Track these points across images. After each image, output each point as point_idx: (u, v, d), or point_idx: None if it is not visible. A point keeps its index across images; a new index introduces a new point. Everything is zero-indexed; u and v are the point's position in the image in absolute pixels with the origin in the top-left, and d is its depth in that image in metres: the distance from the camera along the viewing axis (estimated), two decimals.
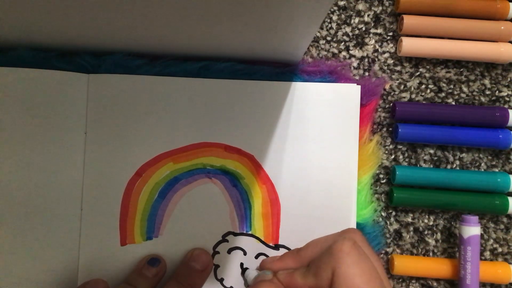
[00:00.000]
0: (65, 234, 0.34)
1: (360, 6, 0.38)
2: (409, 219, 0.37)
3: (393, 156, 0.37)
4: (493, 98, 0.37)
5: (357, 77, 0.37)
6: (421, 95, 0.38)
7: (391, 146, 0.37)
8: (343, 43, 0.38)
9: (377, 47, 0.38)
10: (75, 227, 0.34)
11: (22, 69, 0.34)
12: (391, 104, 0.37)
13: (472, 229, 0.34)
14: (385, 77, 0.37)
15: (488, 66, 0.38)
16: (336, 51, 0.38)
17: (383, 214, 0.37)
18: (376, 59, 0.38)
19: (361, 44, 0.38)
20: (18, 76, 0.34)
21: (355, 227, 0.35)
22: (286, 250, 0.35)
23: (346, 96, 0.35)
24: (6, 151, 0.33)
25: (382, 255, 0.37)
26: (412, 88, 0.38)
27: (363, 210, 0.36)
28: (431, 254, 0.37)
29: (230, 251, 0.35)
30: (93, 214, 0.34)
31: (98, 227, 0.34)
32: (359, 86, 0.35)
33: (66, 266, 0.33)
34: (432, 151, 0.37)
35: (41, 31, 0.30)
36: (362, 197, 0.36)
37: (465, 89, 0.38)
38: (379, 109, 0.37)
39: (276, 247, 0.35)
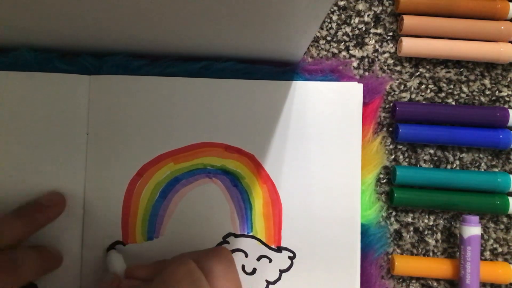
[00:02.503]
0: (68, 235, 0.34)
1: (360, 6, 0.38)
2: (409, 219, 0.37)
3: (393, 156, 0.37)
4: (493, 98, 0.38)
5: (357, 77, 0.37)
6: (421, 95, 0.38)
7: (391, 146, 0.37)
8: (343, 43, 0.38)
9: (377, 47, 0.38)
10: (77, 227, 0.34)
11: (24, 73, 0.34)
12: (391, 104, 0.37)
13: (472, 229, 0.34)
14: (386, 77, 0.37)
15: (488, 66, 0.38)
16: (336, 51, 0.38)
17: (383, 214, 0.37)
18: (376, 59, 0.38)
19: (361, 44, 0.38)
20: (19, 79, 0.34)
21: (359, 228, 0.35)
22: (289, 253, 0.35)
23: (347, 95, 0.35)
24: (9, 152, 0.33)
25: (382, 255, 0.37)
26: (412, 88, 0.38)
27: (367, 211, 0.36)
28: (431, 254, 0.37)
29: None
30: (95, 214, 0.34)
31: (100, 227, 0.34)
32: (361, 85, 0.35)
33: (68, 266, 0.33)
34: (432, 151, 0.37)
35: (42, 32, 0.30)
36: (366, 197, 0.36)
37: (465, 89, 0.38)
38: (379, 109, 0.37)
39: (279, 249, 0.35)
